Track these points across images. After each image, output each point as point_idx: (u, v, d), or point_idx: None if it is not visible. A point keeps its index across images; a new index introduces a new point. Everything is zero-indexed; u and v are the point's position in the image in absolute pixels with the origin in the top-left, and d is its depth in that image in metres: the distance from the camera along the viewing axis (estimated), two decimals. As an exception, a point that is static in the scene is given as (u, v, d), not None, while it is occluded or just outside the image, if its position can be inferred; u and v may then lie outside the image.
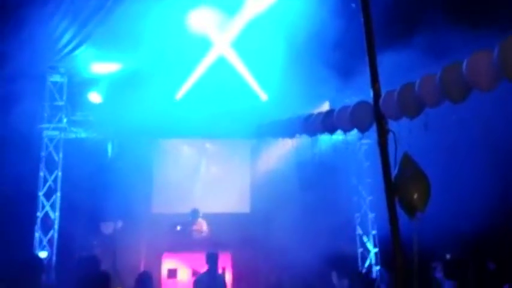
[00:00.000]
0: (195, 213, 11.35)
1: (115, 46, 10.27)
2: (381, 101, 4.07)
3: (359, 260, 12.08)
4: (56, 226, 10.40)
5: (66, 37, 9.53)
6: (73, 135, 10.97)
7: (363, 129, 4.85)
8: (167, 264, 10.50)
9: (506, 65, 3.30)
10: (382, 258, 11.77)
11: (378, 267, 11.79)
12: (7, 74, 8.75)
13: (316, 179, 11.71)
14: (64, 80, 10.78)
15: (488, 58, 3.51)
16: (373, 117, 4.27)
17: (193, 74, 11.24)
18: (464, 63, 3.64)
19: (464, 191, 8.53)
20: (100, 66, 10.76)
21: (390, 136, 4.25)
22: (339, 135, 10.12)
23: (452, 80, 3.77)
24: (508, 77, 3.35)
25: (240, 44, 11.01)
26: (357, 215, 12.20)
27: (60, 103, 10.70)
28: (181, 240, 10.93)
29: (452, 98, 3.83)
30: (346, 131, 5.38)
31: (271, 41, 10.17)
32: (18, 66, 8.73)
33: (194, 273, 9.64)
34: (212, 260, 8.01)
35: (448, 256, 9.29)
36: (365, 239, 12.12)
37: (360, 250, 12.14)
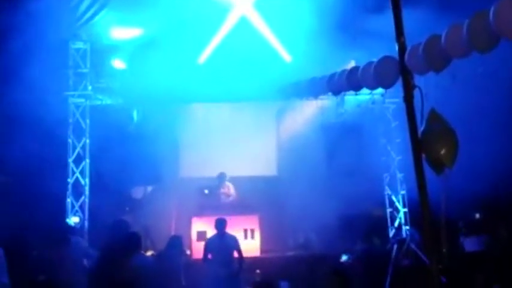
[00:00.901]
0: (222, 177, 11.41)
1: (135, 11, 10.22)
2: (406, 55, 3.93)
3: (388, 220, 12.01)
4: (87, 192, 10.58)
5: (86, 3, 9.48)
6: (98, 102, 11.03)
7: (387, 85, 4.72)
8: (196, 226, 10.63)
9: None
10: (411, 217, 11.67)
11: (407, 227, 11.71)
12: (29, 41, 8.78)
13: (343, 140, 11.62)
14: (87, 46, 10.76)
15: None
16: (398, 72, 4.13)
17: (215, 36, 11.09)
18: (491, 11, 3.46)
19: (490, 149, 8.36)
20: (121, 31, 10.72)
21: (416, 92, 4.13)
22: (365, 95, 10.08)
23: (479, 29, 3.60)
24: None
25: (263, 5, 10.80)
26: (386, 175, 12.07)
27: (85, 70, 10.73)
28: (210, 204, 11.04)
29: (480, 47, 3.67)
30: (371, 88, 5.25)
31: (294, 0, 9.95)
32: (39, 33, 8.74)
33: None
34: (220, 224, 8.53)
35: (477, 215, 9.18)
36: (394, 199, 12.02)
37: (389, 210, 12.05)
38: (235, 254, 8.51)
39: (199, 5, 10.16)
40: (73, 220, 10.27)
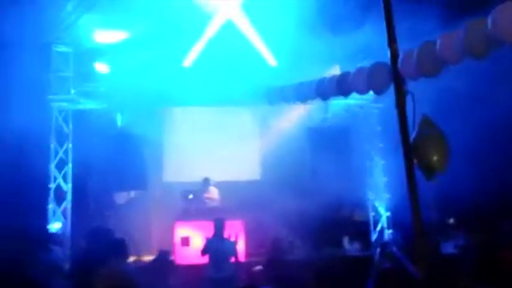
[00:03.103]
0: (206, 182, 11.35)
1: (119, 14, 10.15)
2: (399, 61, 3.96)
3: (371, 224, 12.08)
4: (69, 197, 10.44)
5: (70, 6, 9.37)
6: (82, 107, 10.90)
7: (379, 91, 4.74)
8: (180, 232, 10.55)
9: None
10: (394, 222, 11.76)
11: (390, 231, 11.80)
12: (11, 44, 8.64)
13: (328, 144, 11.67)
14: (70, 50, 10.64)
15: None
16: (391, 78, 4.16)
17: (200, 40, 11.05)
18: (490, 17, 3.50)
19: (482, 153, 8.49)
20: (105, 35, 10.63)
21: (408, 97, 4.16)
22: (349, 100, 10.13)
23: (476, 35, 3.64)
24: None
25: (249, 9, 10.80)
26: (369, 179, 12.15)
27: (68, 74, 10.59)
28: (194, 209, 10.96)
29: (476, 54, 3.71)
30: (362, 93, 5.27)
31: (280, 5, 9.96)
32: (22, 36, 8.61)
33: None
34: (218, 225, 8.61)
35: (451, 220, 9.32)
36: (377, 203, 12.10)
37: (372, 214, 12.13)
38: (232, 259, 8.53)
39: (184, 9, 10.12)
40: (55, 226, 10.12)
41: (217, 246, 8.43)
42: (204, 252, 8.49)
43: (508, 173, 9.15)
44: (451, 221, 9.41)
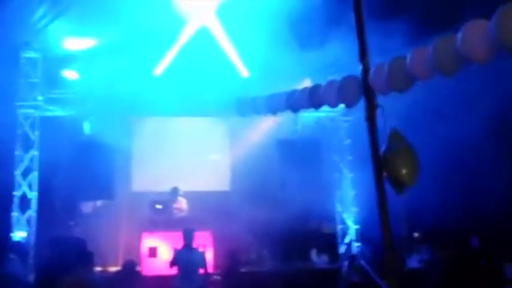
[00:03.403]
0: (175, 192, 11.25)
1: (90, 21, 10.06)
2: (370, 75, 4.02)
3: (339, 236, 12.16)
4: (34, 206, 10.21)
5: (40, 11, 9.23)
6: (49, 113, 10.72)
7: (350, 104, 4.80)
8: (147, 242, 10.41)
9: (504, 34, 3.25)
10: (362, 234, 11.85)
11: (358, 244, 11.88)
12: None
13: (297, 156, 11.72)
14: (38, 56, 10.48)
15: (484, 27, 3.46)
16: (361, 91, 4.23)
17: (172, 49, 11.02)
18: (459, 34, 3.59)
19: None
20: (75, 42, 10.52)
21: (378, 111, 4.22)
22: (320, 112, 10.21)
23: (445, 52, 3.72)
24: (505, 46, 3.30)
25: (222, 19, 10.83)
26: (338, 192, 12.25)
27: (35, 80, 10.43)
28: (161, 219, 10.84)
29: (445, 71, 3.79)
30: (332, 106, 5.33)
31: (253, 17, 10.02)
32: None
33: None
34: (188, 235, 8.38)
35: (416, 235, 9.46)
36: (345, 216, 12.19)
37: (340, 227, 12.21)
38: (201, 271, 8.35)
39: (156, 17, 10.09)
40: (18, 235, 9.87)
41: (186, 257, 8.25)
42: (172, 263, 8.34)
43: (475, 189, 9.34)
44: (416, 235, 9.54)
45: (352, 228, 12.04)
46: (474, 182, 9.38)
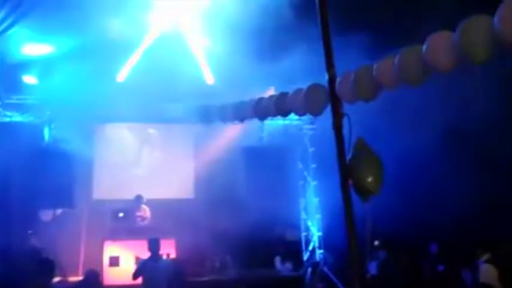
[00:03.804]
0: (139, 199, 11.10)
1: (50, 27, 9.81)
2: (336, 83, 4.05)
3: (303, 243, 12.21)
4: (-10, 214, 9.87)
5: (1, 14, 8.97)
6: (7, 119, 10.43)
7: (316, 113, 4.81)
8: (109, 251, 10.22)
9: (468, 45, 3.33)
10: (325, 241, 11.93)
11: (321, 251, 11.95)
12: None
13: (263, 164, 11.73)
14: (-3, 61, 10.18)
15: (448, 38, 3.54)
16: (327, 99, 4.24)
17: (134, 55, 10.89)
18: (424, 45, 3.66)
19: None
20: (35, 48, 10.28)
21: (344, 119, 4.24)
22: (285, 120, 10.26)
23: (410, 62, 3.78)
24: (469, 56, 3.38)
25: (187, 26, 10.78)
26: (302, 199, 12.31)
27: (-7, 85, 10.13)
28: (124, 227, 10.66)
29: (410, 81, 3.86)
30: (300, 114, 5.34)
31: (218, 25, 10.01)
32: None
33: (137, 260, 9.43)
34: (154, 245, 8.23)
35: (376, 242, 9.59)
36: (309, 223, 12.26)
37: (304, 234, 12.28)
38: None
39: (118, 23, 9.95)
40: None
41: (152, 267, 8.07)
42: (136, 275, 8.13)
43: (434, 196, 9.54)
44: (376, 242, 9.67)
45: (316, 235, 12.12)
46: (433, 189, 9.57)
